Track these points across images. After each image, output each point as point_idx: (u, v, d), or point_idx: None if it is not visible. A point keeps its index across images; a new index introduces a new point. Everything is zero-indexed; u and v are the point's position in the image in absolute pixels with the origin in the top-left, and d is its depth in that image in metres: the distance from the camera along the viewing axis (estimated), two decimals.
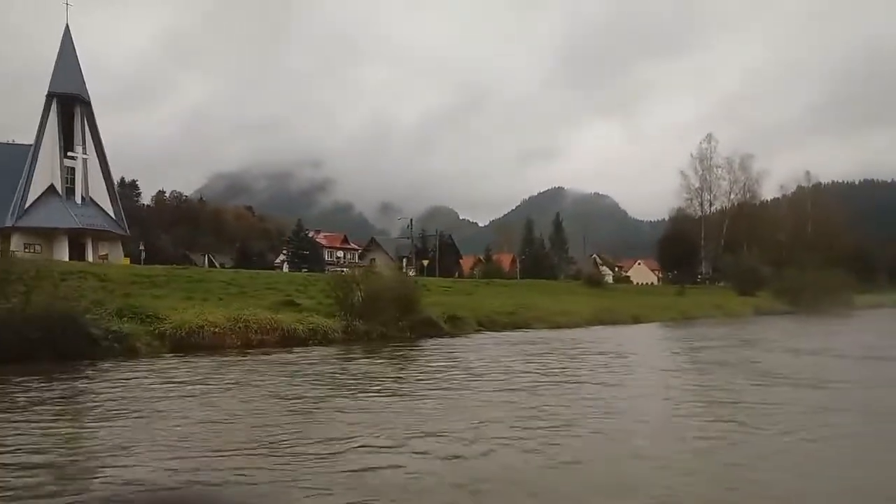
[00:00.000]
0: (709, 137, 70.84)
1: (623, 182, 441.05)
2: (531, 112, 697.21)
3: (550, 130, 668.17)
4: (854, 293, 47.06)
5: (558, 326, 24.52)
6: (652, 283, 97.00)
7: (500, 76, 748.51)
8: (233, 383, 10.48)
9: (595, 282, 43.15)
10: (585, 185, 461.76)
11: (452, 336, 19.77)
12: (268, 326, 16.26)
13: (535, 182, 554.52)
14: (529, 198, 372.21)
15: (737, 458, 5.81)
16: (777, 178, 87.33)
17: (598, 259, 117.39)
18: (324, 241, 74.79)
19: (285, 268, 62.09)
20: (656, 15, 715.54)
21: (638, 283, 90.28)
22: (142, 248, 47.75)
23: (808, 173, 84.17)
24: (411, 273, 66.79)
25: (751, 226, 68.92)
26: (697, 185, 69.88)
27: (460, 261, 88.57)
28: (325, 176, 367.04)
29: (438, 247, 79.61)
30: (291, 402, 8.80)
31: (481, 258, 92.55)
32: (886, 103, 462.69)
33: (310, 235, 71.24)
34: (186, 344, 15.22)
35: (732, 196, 70.35)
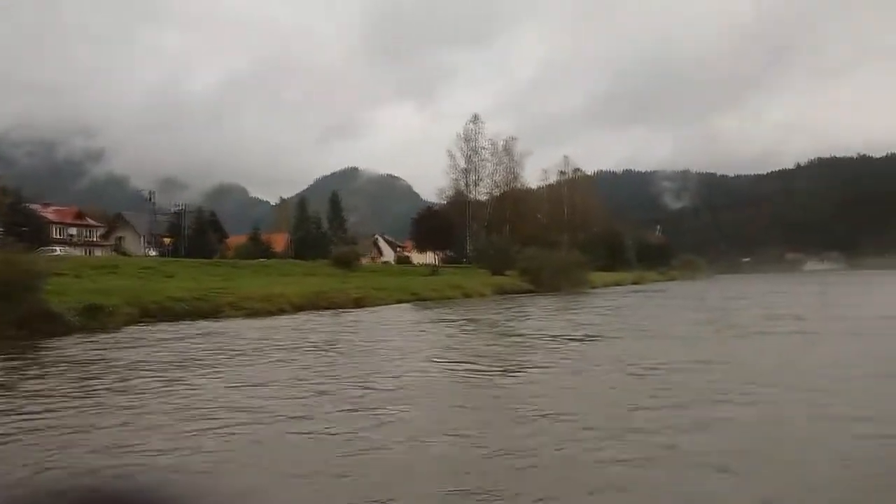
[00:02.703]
0: (475, 118, 71.75)
1: (418, 165, 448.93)
2: (332, 89, 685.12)
3: (350, 109, 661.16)
4: (591, 272, 49.57)
5: (256, 314, 21.19)
6: (432, 264, 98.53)
7: (302, 51, 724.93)
8: None
9: (343, 262, 40.64)
10: (381, 167, 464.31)
11: (89, 332, 15.55)
12: None
13: (332, 161, 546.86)
14: (324, 177, 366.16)
15: None
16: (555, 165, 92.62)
17: (381, 240, 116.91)
18: (52, 216, 63.95)
19: None
20: (460, 2, 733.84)
21: (419, 264, 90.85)
22: None
23: (566, 158, 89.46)
24: (152, 253, 59.75)
25: (514, 208, 71.32)
26: (464, 165, 70.59)
27: (225, 240, 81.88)
28: (101, 146, 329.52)
29: (199, 224, 72.61)
30: None
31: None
32: (648, 102, 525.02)
33: (32, 207, 60.22)
34: None
35: (497, 178, 72.04)
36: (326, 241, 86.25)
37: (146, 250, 61.31)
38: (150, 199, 67.01)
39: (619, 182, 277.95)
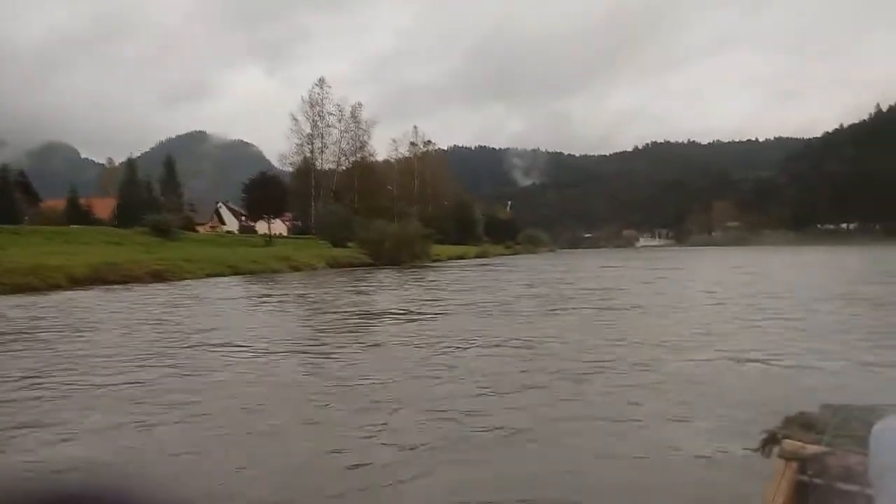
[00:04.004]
0: (321, 82, 68.44)
1: (271, 132, 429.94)
2: (178, 48, 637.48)
3: (199, 69, 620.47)
4: (436, 245, 48.73)
5: (19, 290, 17.73)
6: (279, 234, 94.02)
7: (144, 4, 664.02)
8: None
9: (161, 230, 36.68)
10: (231, 132, 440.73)
11: None
12: None
13: (177, 123, 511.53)
14: (167, 140, 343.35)
15: None
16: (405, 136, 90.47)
17: (224, 207, 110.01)
18: None
19: None
20: None
21: (264, 234, 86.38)
22: None
23: (415, 129, 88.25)
24: None
25: (362, 178, 69.06)
26: (309, 130, 67.27)
27: (39, 204, 72.97)
28: None
29: (2, 185, 63.63)
30: None
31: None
32: (502, 81, 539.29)
33: None
34: None
35: (343, 145, 69.31)
36: (158, 208, 79.50)
37: None
38: None
39: (474, 157, 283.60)
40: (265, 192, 47.04)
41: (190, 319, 12.66)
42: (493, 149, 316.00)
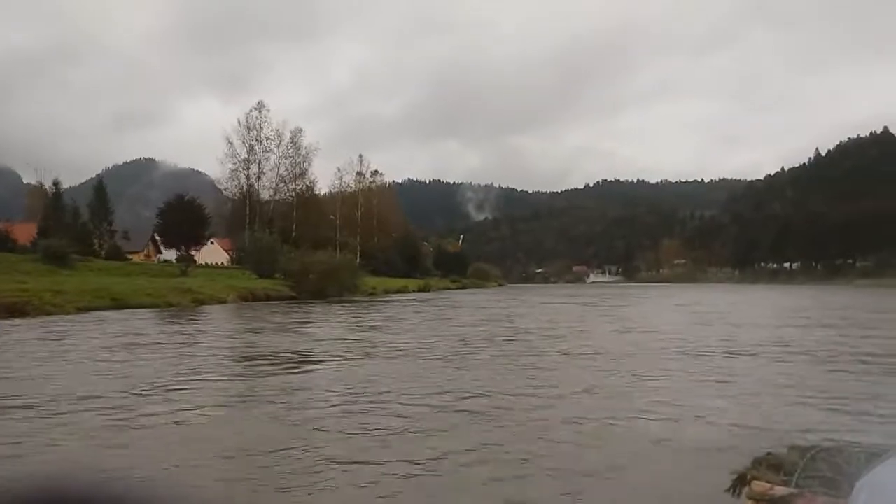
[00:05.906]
0: (259, 105, 65.38)
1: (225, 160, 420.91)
2: (130, 72, 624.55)
3: (152, 97, 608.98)
4: (371, 277, 46.14)
5: None
6: (220, 264, 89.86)
7: (96, 30, 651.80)
8: None
9: (57, 257, 33.15)
10: (182, 160, 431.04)
11: None
12: None
13: (127, 150, 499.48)
14: (114, 166, 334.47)
15: None
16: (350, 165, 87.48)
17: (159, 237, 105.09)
18: None
19: None
20: None
21: (206, 264, 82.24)
22: None
23: (361, 157, 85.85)
24: None
25: (302, 206, 66.07)
26: (245, 155, 64.09)
27: None
28: None
29: None
30: None
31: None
32: (457, 116, 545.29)
33: None
34: None
35: (282, 171, 66.19)
36: (87, 235, 74.82)
37: None
38: None
39: (428, 191, 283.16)
40: (181, 217, 43.64)
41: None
42: (448, 183, 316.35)
